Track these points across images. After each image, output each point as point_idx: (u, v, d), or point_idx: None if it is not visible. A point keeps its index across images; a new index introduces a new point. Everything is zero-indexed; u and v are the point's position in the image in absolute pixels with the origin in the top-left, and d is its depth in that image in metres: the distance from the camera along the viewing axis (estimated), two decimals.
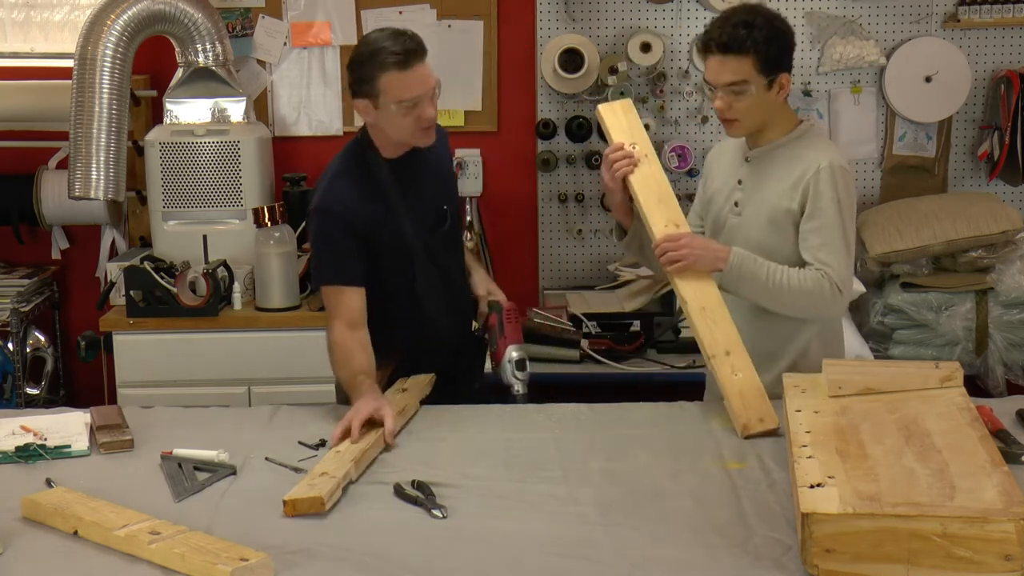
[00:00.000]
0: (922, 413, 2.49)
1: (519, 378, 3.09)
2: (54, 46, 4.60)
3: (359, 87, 2.93)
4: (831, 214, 2.85)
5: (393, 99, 2.89)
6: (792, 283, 2.84)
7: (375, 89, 2.89)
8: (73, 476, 2.55)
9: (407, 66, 2.87)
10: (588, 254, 4.62)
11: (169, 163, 4.12)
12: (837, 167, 2.87)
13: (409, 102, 2.89)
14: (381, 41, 2.89)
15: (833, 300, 2.84)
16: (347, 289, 2.98)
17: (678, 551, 2.17)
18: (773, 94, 2.89)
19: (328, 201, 3.00)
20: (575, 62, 4.40)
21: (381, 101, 2.90)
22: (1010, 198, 4.52)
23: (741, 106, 2.88)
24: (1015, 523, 1.96)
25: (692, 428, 2.81)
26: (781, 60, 2.89)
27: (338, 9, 4.49)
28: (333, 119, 4.58)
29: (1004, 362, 4.19)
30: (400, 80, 2.87)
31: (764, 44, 2.84)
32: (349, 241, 2.98)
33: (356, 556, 2.16)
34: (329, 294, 3.01)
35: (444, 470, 2.56)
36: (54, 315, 4.64)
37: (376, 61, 2.87)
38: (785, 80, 2.89)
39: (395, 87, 2.87)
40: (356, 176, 3.02)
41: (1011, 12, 4.37)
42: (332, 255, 3.01)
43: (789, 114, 3.00)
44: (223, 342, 3.94)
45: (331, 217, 2.98)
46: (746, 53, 2.84)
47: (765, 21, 2.86)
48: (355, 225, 2.97)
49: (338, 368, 2.98)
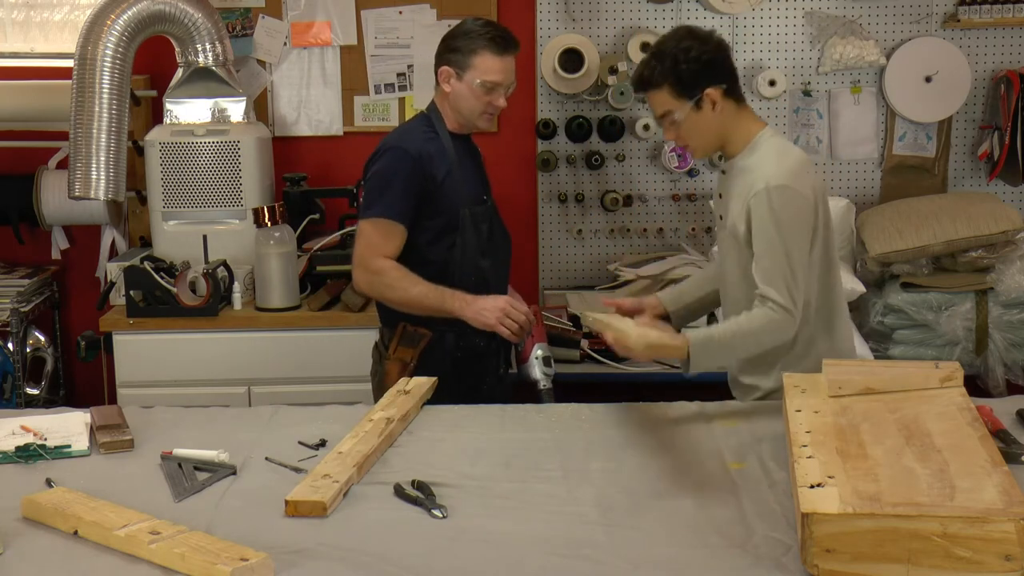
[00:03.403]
0: (922, 413, 2.49)
1: (546, 374, 3.20)
2: (54, 46, 4.61)
3: (450, 56, 3.19)
4: (770, 236, 2.78)
5: (478, 76, 3.15)
6: (747, 331, 2.79)
7: (466, 62, 3.15)
8: (73, 476, 2.55)
9: (503, 52, 3.15)
10: (588, 254, 4.62)
11: (169, 163, 4.12)
12: (773, 188, 2.78)
13: (490, 84, 3.15)
14: (484, 27, 3.18)
15: (786, 324, 2.78)
16: (397, 226, 3.14)
17: (678, 551, 2.17)
18: (707, 112, 2.85)
19: (402, 142, 3.20)
20: (575, 62, 4.40)
21: (467, 76, 3.17)
22: (1010, 198, 4.52)
23: (682, 132, 2.90)
24: (1015, 523, 1.96)
25: (692, 428, 2.81)
26: (697, 79, 2.83)
27: (338, 9, 4.50)
28: (333, 119, 4.58)
29: (1004, 362, 4.19)
30: (491, 63, 3.15)
31: (671, 71, 2.82)
32: (414, 182, 3.14)
33: (356, 556, 2.16)
34: (377, 227, 3.15)
35: (444, 470, 2.56)
36: (54, 315, 4.64)
37: (478, 37, 3.15)
38: (714, 94, 2.83)
39: (485, 67, 3.15)
40: (426, 132, 3.23)
41: (1011, 12, 4.37)
42: (394, 191, 3.14)
43: (746, 124, 2.92)
44: (223, 342, 3.94)
45: (403, 155, 3.16)
46: (658, 86, 2.86)
47: (675, 47, 2.83)
48: (423, 168, 3.15)
49: (400, 284, 3.12)
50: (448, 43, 3.20)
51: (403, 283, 3.14)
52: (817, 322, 2.96)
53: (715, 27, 4.43)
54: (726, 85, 2.86)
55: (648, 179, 4.60)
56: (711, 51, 2.84)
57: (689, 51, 2.82)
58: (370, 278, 3.18)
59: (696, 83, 2.83)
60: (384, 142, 3.25)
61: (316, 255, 4.12)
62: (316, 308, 3.93)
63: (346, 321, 3.91)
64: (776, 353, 2.91)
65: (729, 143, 2.92)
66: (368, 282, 3.20)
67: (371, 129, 4.56)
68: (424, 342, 3.24)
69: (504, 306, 3.11)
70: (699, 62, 2.82)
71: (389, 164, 3.17)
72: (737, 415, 2.90)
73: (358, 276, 3.21)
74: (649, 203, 4.61)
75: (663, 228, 4.60)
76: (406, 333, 3.24)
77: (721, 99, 2.85)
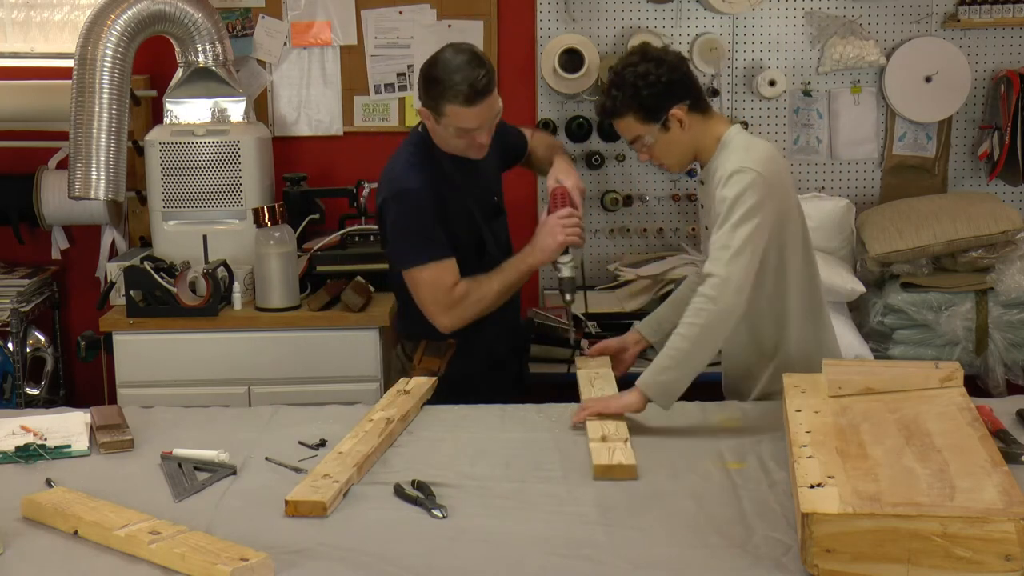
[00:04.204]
0: (922, 413, 2.49)
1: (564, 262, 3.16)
2: (54, 46, 4.61)
3: (425, 99, 3.07)
4: (724, 212, 2.78)
5: (452, 124, 3.04)
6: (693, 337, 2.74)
7: (440, 109, 3.04)
8: (73, 476, 2.55)
9: (472, 103, 3.00)
10: (588, 254, 4.62)
11: (169, 163, 4.12)
12: (734, 171, 2.79)
13: (465, 130, 3.05)
14: (456, 71, 2.99)
15: (725, 309, 2.73)
16: (446, 260, 3.10)
17: (678, 551, 2.17)
18: (675, 131, 2.87)
19: (405, 186, 3.12)
20: (575, 62, 4.40)
21: (443, 121, 3.05)
22: (1010, 198, 4.52)
23: (656, 153, 2.92)
24: (1015, 523, 1.96)
25: (692, 428, 2.81)
26: (660, 102, 2.84)
27: (338, 9, 4.50)
28: (333, 119, 4.58)
29: (1004, 362, 4.19)
30: (463, 113, 3.02)
31: (633, 99, 2.84)
32: (432, 218, 3.09)
33: (356, 556, 2.16)
34: (431, 270, 3.10)
35: (444, 470, 2.56)
36: (54, 315, 4.64)
37: (446, 90, 2.99)
38: (679, 113, 2.85)
39: (457, 117, 3.03)
40: (424, 164, 3.14)
41: (1011, 12, 4.37)
42: (424, 234, 3.10)
43: (714, 129, 2.93)
44: (223, 342, 3.94)
45: (414, 197, 3.10)
46: (623, 115, 2.88)
47: (633, 73, 2.83)
48: (433, 199, 3.09)
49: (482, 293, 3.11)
50: (423, 83, 3.06)
51: (482, 290, 3.12)
52: (802, 312, 2.98)
53: (715, 27, 4.46)
54: (689, 100, 2.87)
55: (648, 179, 4.60)
56: (668, 71, 2.84)
57: (647, 76, 2.82)
58: (457, 313, 3.12)
59: (660, 106, 2.84)
60: (390, 183, 3.16)
61: (316, 255, 4.12)
62: (316, 308, 3.93)
63: (346, 321, 3.91)
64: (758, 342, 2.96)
65: (702, 151, 2.94)
66: (458, 316, 3.13)
67: (371, 129, 4.56)
68: (450, 351, 3.24)
69: (555, 223, 3.11)
70: (659, 85, 2.83)
71: (406, 213, 3.10)
72: (737, 415, 2.90)
73: (443, 320, 3.14)
74: (649, 203, 4.61)
75: (663, 228, 4.60)
76: (431, 344, 3.24)
77: (686, 115, 2.87)
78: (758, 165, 2.80)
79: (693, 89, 2.90)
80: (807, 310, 3.00)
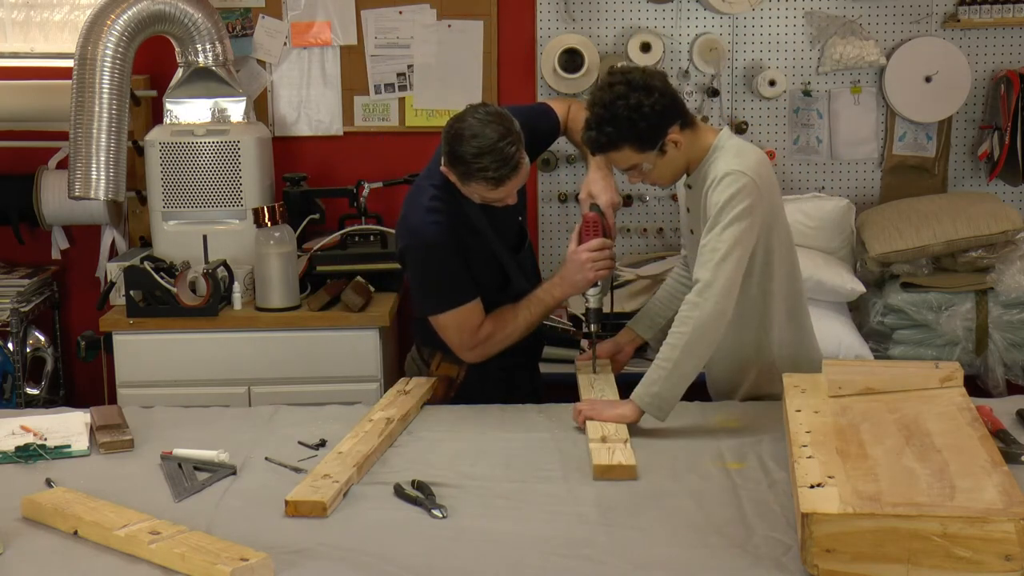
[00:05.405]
0: (922, 413, 2.49)
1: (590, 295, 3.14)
2: (54, 46, 4.60)
3: (449, 167, 2.95)
4: (714, 215, 2.78)
5: (478, 195, 2.97)
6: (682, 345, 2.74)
7: (464, 182, 2.94)
8: (73, 476, 2.55)
9: (500, 184, 2.92)
10: None
11: (169, 163, 4.12)
12: (722, 175, 2.79)
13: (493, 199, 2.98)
14: (483, 154, 2.86)
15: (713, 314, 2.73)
16: (472, 303, 3.06)
17: (678, 551, 2.17)
18: (672, 152, 2.85)
19: (426, 240, 3.02)
20: (575, 62, 4.40)
21: (467, 190, 2.97)
22: (1010, 198, 4.52)
23: (651, 176, 2.90)
24: (1015, 523, 1.96)
25: (692, 428, 2.81)
26: (657, 131, 2.81)
27: (338, 9, 4.49)
28: (333, 119, 4.58)
29: (1004, 362, 4.19)
30: (489, 192, 2.94)
31: (630, 133, 2.79)
32: (457, 261, 3.03)
33: (356, 556, 2.16)
34: (457, 314, 3.06)
35: (444, 470, 2.56)
36: (54, 315, 4.64)
37: (472, 172, 2.90)
38: (674, 136, 2.83)
39: (483, 194, 2.95)
40: (446, 210, 3.04)
41: (1011, 12, 4.37)
42: (449, 281, 3.05)
43: (703, 139, 2.92)
44: (223, 342, 3.93)
45: (435, 253, 3.02)
46: (619, 148, 2.83)
47: (624, 105, 2.77)
48: (456, 254, 3.02)
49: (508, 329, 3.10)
50: (448, 152, 2.93)
51: (508, 329, 3.10)
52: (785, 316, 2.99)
53: (715, 27, 4.46)
54: (680, 120, 2.85)
55: None
56: (659, 98, 2.79)
57: (641, 108, 2.77)
58: (482, 350, 3.11)
59: (658, 135, 2.81)
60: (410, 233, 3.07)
61: (316, 255, 4.12)
62: (316, 308, 3.93)
63: (346, 321, 3.91)
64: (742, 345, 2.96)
65: (692, 162, 2.93)
66: (483, 353, 3.12)
67: (371, 129, 4.56)
68: (464, 370, 3.21)
69: (586, 260, 3.04)
70: (654, 115, 2.79)
71: (428, 265, 3.06)
72: (737, 415, 2.90)
73: (468, 356, 3.13)
74: (649, 203, 4.61)
75: (663, 228, 4.60)
76: (449, 352, 3.20)
77: (680, 134, 2.85)
78: (750, 170, 2.80)
79: (681, 107, 2.88)
80: (790, 314, 3.00)
